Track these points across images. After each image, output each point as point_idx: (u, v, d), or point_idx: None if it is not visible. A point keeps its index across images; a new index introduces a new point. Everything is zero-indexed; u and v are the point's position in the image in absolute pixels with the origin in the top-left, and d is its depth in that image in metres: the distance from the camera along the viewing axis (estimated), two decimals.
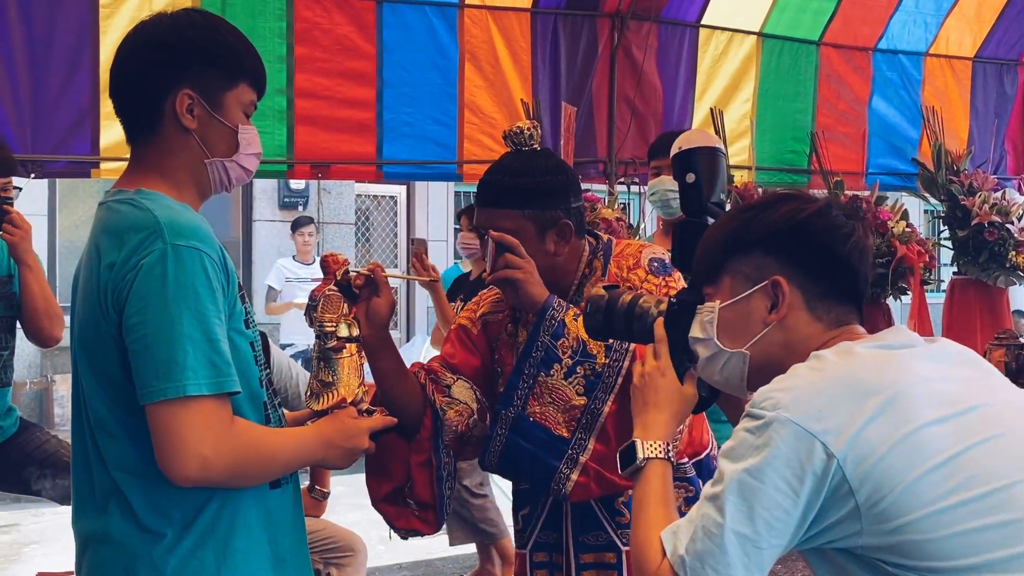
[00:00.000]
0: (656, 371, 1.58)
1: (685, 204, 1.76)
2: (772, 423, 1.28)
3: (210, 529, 1.54)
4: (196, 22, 1.63)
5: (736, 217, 1.52)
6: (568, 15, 5.08)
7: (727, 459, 1.33)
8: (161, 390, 1.43)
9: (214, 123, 1.62)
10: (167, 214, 1.52)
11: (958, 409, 1.31)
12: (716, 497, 1.31)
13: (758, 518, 1.27)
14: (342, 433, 1.68)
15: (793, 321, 1.44)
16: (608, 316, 1.70)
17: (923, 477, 1.25)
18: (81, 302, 1.56)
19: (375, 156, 4.81)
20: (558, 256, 2.01)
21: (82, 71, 4.23)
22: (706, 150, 1.75)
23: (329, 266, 1.79)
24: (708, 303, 1.51)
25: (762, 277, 1.44)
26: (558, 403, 1.91)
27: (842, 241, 1.44)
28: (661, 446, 1.52)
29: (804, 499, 1.27)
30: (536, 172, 1.98)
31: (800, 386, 1.32)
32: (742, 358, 1.46)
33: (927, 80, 5.94)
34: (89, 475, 1.58)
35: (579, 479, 1.87)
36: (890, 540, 1.25)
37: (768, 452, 1.27)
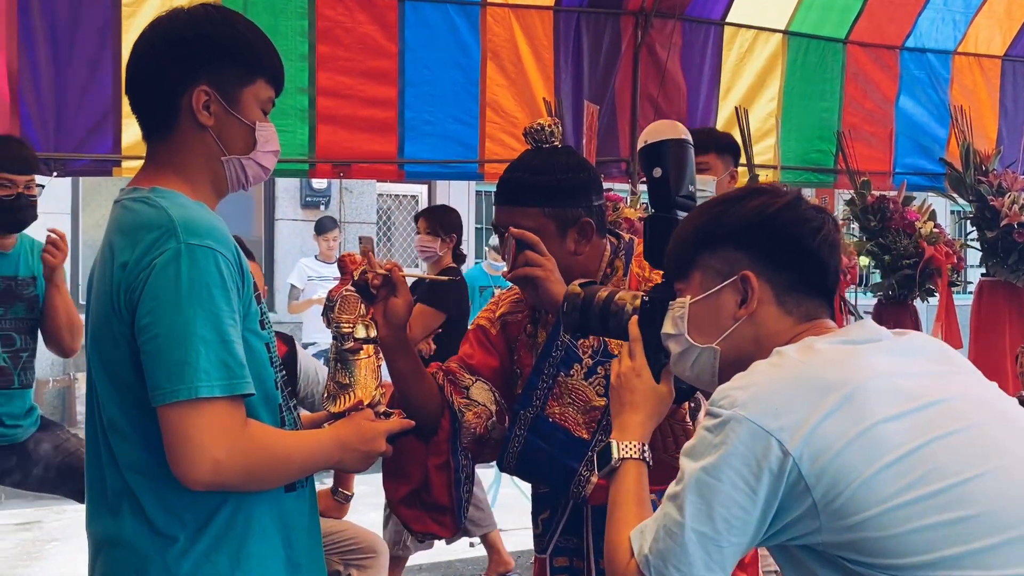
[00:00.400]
0: (631, 371, 1.58)
1: (653, 199, 1.72)
2: (729, 421, 1.28)
3: (224, 533, 1.52)
4: (213, 17, 1.61)
5: (706, 212, 1.51)
6: (591, 13, 5.04)
7: (688, 457, 1.33)
8: (173, 392, 1.41)
9: (231, 120, 1.60)
10: (181, 213, 1.50)
11: (917, 404, 1.30)
12: (676, 496, 1.31)
13: (717, 516, 1.27)
14: (359, 436, 1.65)
15: (762, 316, 1.43)
16: (584, 313, 1.68)
17: (879, 473, 1.24)
18: (95, 301, 1.55)
19: (396, 155, 4.79)
20: (579, 255, 1.97)
21: (104, 70, 4.23)
22: (674, 142, 1.72)
23: (347, 266, 1.77)
24: (679, 299, 1.50)
25: (732, 272, 1.44)
26: (578, 404, 1.88)
27: (811, 235, 1.43)
28: (636, 446, 1.52)
29: (762, 497, 1.26)
30: (557, 169, 1.94)
31: (757, 383, 1.31)
32: (712, 353, 1.46)
33: (955, 79, 5.85)
34: (102, 477, 1.56)
35: (600, 482, 1.83)
36: (848, 537, 1.24)
37: (725, 450, 1.27)
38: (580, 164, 2.00)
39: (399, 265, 1.88)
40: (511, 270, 1.91)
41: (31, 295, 3.20)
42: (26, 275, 3.20)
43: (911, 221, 5.22)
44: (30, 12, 4.07)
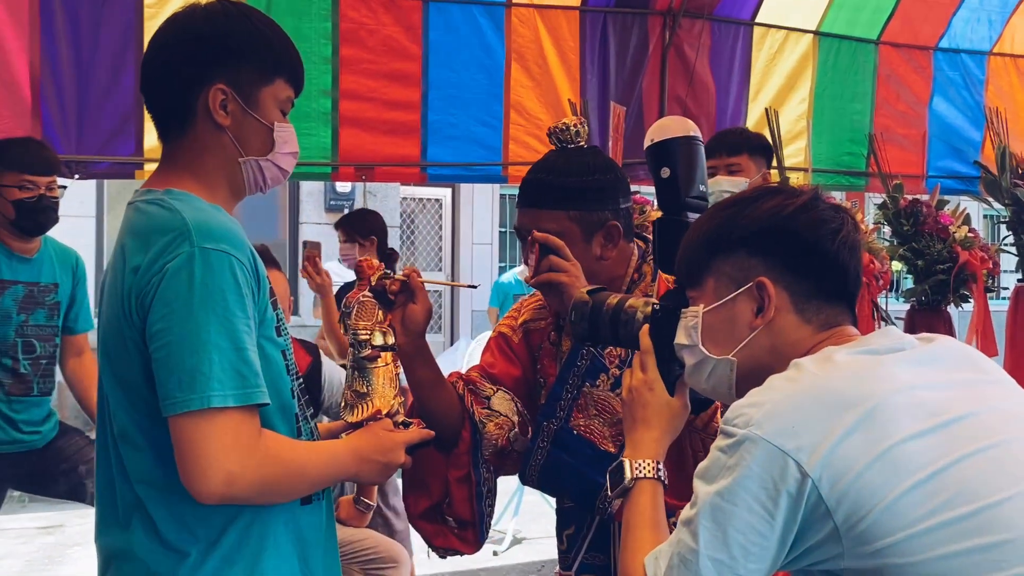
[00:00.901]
0: (643, 384, 1.49)
1: (661, 201, 1.64)
2: (743, 441, 1.21)
3: (237, 548, 1.46)
4: (231, 13, 1.55)
5: (717, 215, 1.43)
6: (618, 13, 4.96)
7: (701, 480, 1.25)
8: (184, 401, 1.35)
9: (249, 120, 1.54)
10: (196, 215, 1.44)
11: (943, 420, 1.22)
12: (690, 521, 1.24)
13: (733, 543, 1.20)
14: (377, 447, 1.59)
15: (781, 324, 1.35)
16: (593, 322, 1.60)
17: (903, 496, 1.17)
18: (106, 307, 1.49)
19: (419, 158, 4.74)
20: (605, 260, 1.88)
21: (126, 72, 4.20)
22: (683, 140, 1.63)
23: (364, 271, 1.70)
24: (692, 307, 1.42)
25: (747, 278, 1.36)
26: (604, 416, 1.80)
27: (830, 237, 1.35)
28: (651, 465, 1.44)
29: (780, 521, 1.19)
30: (583, 171, 1.85)
31: (773, 400, 1.23)
32: (729, 365, 1.38)
33: (991, 80, 5.73)
34: (112, 488, 1.50)
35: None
36: (872, 563, 1.17)
37: (740, 472, 1.20)
38: (607, 165, 1.91)
39: (417, 270, 1.81)
40: (534, 275, 1.83)
41: (53, 302, 3.16)
42: (49, 281, 3.16)
43: (945, 225, 5.10)
44: (52, 14, 4.05)
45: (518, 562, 4.91)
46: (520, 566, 4.87)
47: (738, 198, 1.44)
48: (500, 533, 5.26)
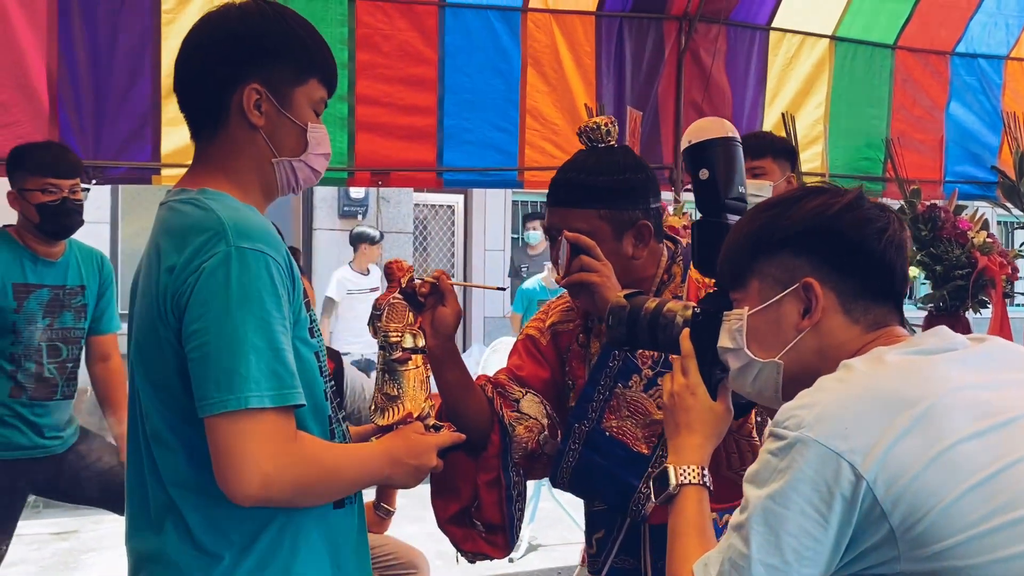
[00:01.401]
0: (685, 389, 1.47)
1: (700, 203, 1.61)
2: (795, 444, 1.18)
3: (271, 551, 1.44)
4: (266, 13, 1.54)
5: (759, 216, 1.40)
6: (634, 18, 4.95)
7: (752, 484, 1.23)
8: (221, 402, 1.34)
9: (282, 120, 1.53)
10: (231, 215, 1.43)
11: (998, 420, 1.20)
12: (742, 526, 1.21)
13: (786, 547, 1.18)
14: (409, 450, 1.57)
15: (828, 326, 1.33)
16: (631, 327, 1.58)
17: (960, 498, 1.15)
18: (139, 307, 1.48)
19: (435, 163, 4.73)
20: (636, 259, 1.86)
21: (143, 77, 4.20)
22: (721, 141, 1.61)
23: (394, 273, 1.69)
24: (736, 310, 1.40)
25: (792, 279, 1.34)
26: (637, 417, 1.78)
27: (876, 236, 1.33)
28: (696, 471, 1.42)
29: (835, 525, 1.17)
30: (613, 170, 1.83)
31: (824, 401, 1.21)
32: (775, 368, 1.36)
33: (1008, 85, 5.70)
34: (143, 490, 1.49)
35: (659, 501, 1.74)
36: (930, 566, 1.15)
37: (792, 475, 1.18)
38: (637, 164, 1.89)
39: (447, 273, 1.80)
40: (565, 276, 1.81)
41: (79, 305, 3.16)
42: (75, 284, 3.15)
43: (963, 231, 5.07)
44: (70, 19, 4.05)
45: (534, 569, 4.88)
46: (536, 572, 4.84)
47: (780, 199, 1.42)
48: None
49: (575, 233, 1.80)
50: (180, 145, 4.29)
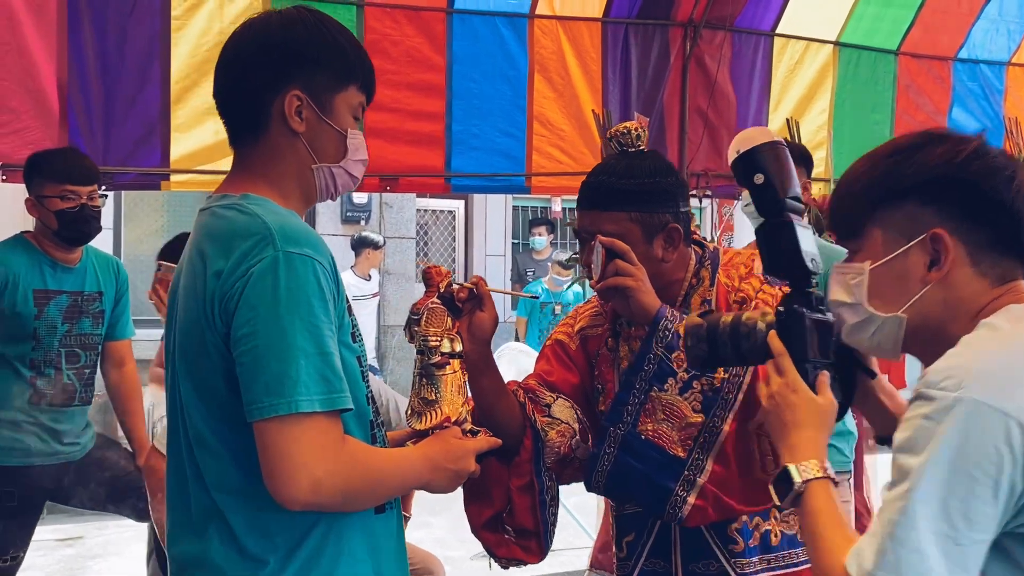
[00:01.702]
0: (785, 388, 1.44)
1: (760, 206, 1.64)
2: (955, 405, 1.15)
3: (315, 556, 1.45)
4: (307, 20, 1.55)
5: (879, 164, 1.37)
6: (639, 24, 4.97)
7: (906, 453, 1.19)
8: (272, 406, 1.34)
9: (323, 127, 1.54)
10: (277, 220, 1.44)
11: None
12: (901, 497, 1.17)
13: (954, 512, 1.14)
14: (448, 454, 1.58)
15: (956, 278, 1.30)
16: (712, 343, 1.57)
17: None
18: (182, 312, 1.48)
19: (443, 169, 4.74)
20: (666, 263, 1.88)
21: (152, 83, 4.21)
22: (768, 146, 1.64)
23: (432, 278, 1.69)
24: (852, 263, 1.37)
25: (918, 230, 1.31)
26: (672, 420, 1.78)
27: (1005, 184, 1.30)
28: (816, 465, 1.38)
29: (1005, 486, 1.14)
30: (644, 173, 1.86)
31: (979, 360, 1.19)
32: (897, 322, 1.33)
33: (1009, 90, 5.74)
34: (186, 495, 1.49)
35: (697, 502, 1.75)
36: None
37: (955, 438, 1.14)
38: (667, 168, 1.92)
39: (483, 279, 1.81)
40: (600, 280, 1.82)
41: (97, 310, 3.16)
42: (92, 290, 3.15)
43: None
44: (80, 25, 4.06)
45: (541, 574, 4.87)
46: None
47: (895, 146, 1.38)
48: None
49: (610, 238, 1.81)
50: (189, 151, 4.29)
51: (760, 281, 1.90)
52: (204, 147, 4.32)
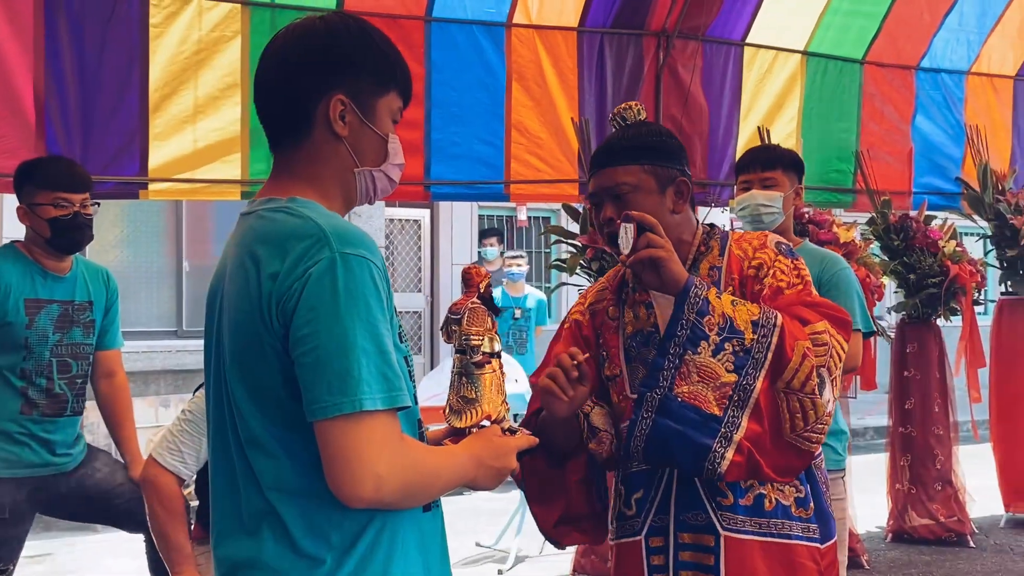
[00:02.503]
0: None
1: None
2: None
3: (370, 554, 1.44)
4: (350, 26, 1.56)
5: None
6: (614, 34, 5.04)
7: None
8: (336, 405, 1.34)
9: (365, 131, 1.55)
10: (330, 222, 1.44)
11: None
12: None
13: None
14: (492, 452, 1.59)
15: None
16: None
17: None
18: (233, 314, 1.47)
19: (423, 176, 4.75)
20: (677, 213, 1.99)
21: (131, 91, 4.17)
22: None
23: (472, 279, 1.71)
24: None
25: None
26: (707, 381, 1.86)
27: None
28: None
29: None
30: (652, 132, 2.01)
31: None
32: None
33: (969, 99, 5.91)
34: (235, 496, 1.48)
35: (735, 458, 1.83)
36: None
37: None
38: (670, 132, 2.08)
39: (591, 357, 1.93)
40: (631, 254, 1.87)
41: (88, 320, 3.11)
42: (83, 300, 3.10)
43: (934, 240, 5.24)
44: (57, 33, 4.01)
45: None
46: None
47: None
48: (503, 552, 5.24)
49: (640, 213, 1.89)
50: (168, 159, 4.26)
51: (774, 252, 2.00)
52: (183, 155, 4.29)
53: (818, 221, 4.62)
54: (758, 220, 3.02)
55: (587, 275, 4.61)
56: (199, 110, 4.27)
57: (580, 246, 4.58)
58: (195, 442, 2.43)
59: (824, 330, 1.89)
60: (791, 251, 2.03)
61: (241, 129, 4.28)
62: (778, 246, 2.02)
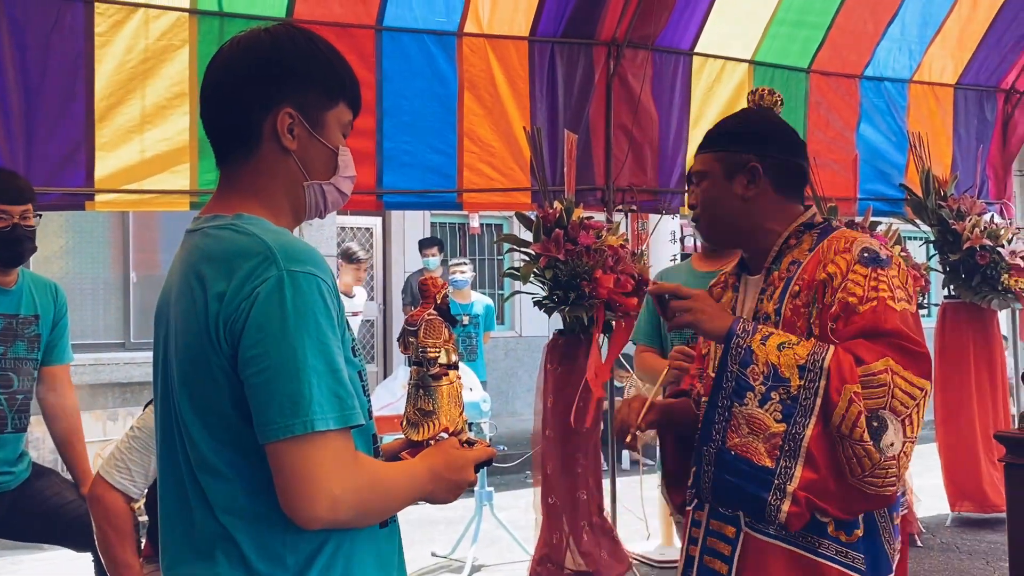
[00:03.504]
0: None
1: None
2: None
3: (326, 574, 1.43)
4: (297, 39, 1.53)
5: None
6: (565, 43, 5.06)
7: None
8: (287, 427, 1.32)
9: (315, 144, 1.53)
10: (277, 239, 1.42)
11: None
12: None
13: None
14: (449, 465, 1.58)
15: None
16: None
17: None
18: (180, 336, 1.44)
19: (375, 186, 4.73)
20: (747, 200, 2.01)
21: (77, 101, 4.09)
22: None
23: (429, 290, 1.70)
24: None
25: None
26: (757, 432, 1.84)
27: None
28: None
29: None
30: (739, 119, 2.11)
31: None
32: None
33: (912, 106, 6.03)
34: (188, 519, 1.45)
35: (791, 509, 1.80)
36: None
37: None
38: (766, 117, 2.11)
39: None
40: (671, 326, 2.02)
41: (33, 334, 3.04)
42: (29, 313, 3.04)
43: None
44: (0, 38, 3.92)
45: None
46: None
47: None
48: (459, 562, 5.23)
49: (654, 286, 2.06)
50: (115, 170, 4.19)
51: (854, 259, 1.88)
52: (130, 166, 4.22)
53: None
54: None
55: (540, 283, 4.61)
56: (146, 120, 4.21)
57: (533, 254, 4.58)
58: (144, 460, 2.39)
59: (883, 369, 1.78)
60: (875, 259, 1.88)
61: (190, 139, 4.22)
62: (861, 253, 1.89)
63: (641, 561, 5.17)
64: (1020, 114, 6.35)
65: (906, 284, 1.91)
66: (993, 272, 5.45)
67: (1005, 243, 5.49)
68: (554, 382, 4.66)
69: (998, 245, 5.46)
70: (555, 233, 4.49)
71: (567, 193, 4.73)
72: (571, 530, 4.56)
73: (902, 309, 1.85)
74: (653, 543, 5.43)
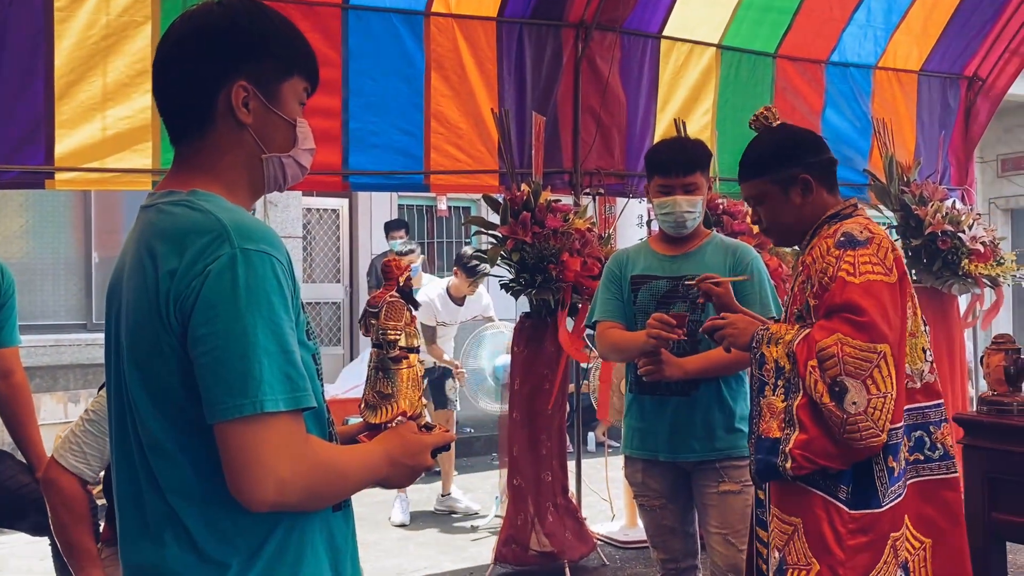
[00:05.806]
0: None
1: None
2: None
3: (277, 557, 1.42)
4: (248, 9, 1.51)
5: None
6: (533, 24, 5.04)
7: None
8: (236, 407, 1.30)
9: (271, 116, 1.50)
10: (231, 216, 1.39)
11: None
12: None
13: None
14: (405, 450, 1.56)
15: None
16: None
17: None
18: (131, 313, 1.42)
19: (341, 166, 4.69)
20: (806, 207, 2.34)
21: (36, 78, 4.02)
22: None
23: (392, 272, 1.69)
24: None
25: None
26: (773, 415, 2.26)
27: None
28: None
29: None
30: (766, 143, 2.41)
31: None
32: None
33: (876, 93, 6.07)
34: (139, 501, 1.43)
35: (789, 466, 2.18)
36: None
37: None
38: (788, 133, 2.44)
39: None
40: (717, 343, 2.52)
41: None
42: None
43: None
44: None
45: (446, 570, 4.89)
46: (448, 574, 4.86)
47: None
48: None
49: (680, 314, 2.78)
50: (75, 147, 4.12)
51: (832, 244, 2.20)
52: (91, 143, 4.16)
53: (732, 212, 4.69)
54: (681, 225, 3.06)
55: (507, 266, 4.61)
56: (108, 97, 4.14)
57: (500, 237, 4.57)
58: (99, 443, 2.36)
59: (833, 343, 2.10)
60: (851, 241, 2.19)
61: (152, 117, 4.16)
62: (839, 237, 2.20)
63: (605, 541, 5.21)
64: (982, 101, 6.40)
65: (884, 259, 2.17)
66: (954, 257, 5.51)
67: (966, 229, 5.55)
68: (520, 364, 4.66)
69: (959, 231, 5.52)
70: (522, 216, 4.49)
71: (535, 176, 4.72)
72: (536, 511, 4.58)
73: (863, 281, 2.12)
74: (617, 524, 5.46)
